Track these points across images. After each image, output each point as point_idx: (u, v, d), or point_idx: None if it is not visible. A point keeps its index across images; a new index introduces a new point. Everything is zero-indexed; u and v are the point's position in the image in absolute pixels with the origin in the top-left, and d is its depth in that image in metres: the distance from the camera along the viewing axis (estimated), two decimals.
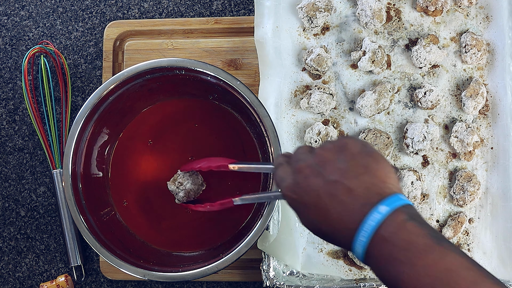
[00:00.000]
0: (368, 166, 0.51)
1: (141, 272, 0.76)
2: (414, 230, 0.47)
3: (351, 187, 0.50)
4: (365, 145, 0.53)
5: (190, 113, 0.89)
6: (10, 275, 0.93)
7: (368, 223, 0.48)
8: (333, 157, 0.52)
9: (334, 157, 0.52)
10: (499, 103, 0.86)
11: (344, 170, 0.51)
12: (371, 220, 0.48)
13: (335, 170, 0.51)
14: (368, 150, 0.53)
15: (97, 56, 0.96)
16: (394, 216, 0.48)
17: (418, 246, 0.46)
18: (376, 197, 0.49)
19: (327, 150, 0.53)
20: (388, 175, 0.51)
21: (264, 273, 0.83)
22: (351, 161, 0.51)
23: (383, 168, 0.52)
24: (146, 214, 0.88)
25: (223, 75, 0.78)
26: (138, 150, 0.88)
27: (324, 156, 0.53)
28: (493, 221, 0.85)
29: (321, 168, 0.52)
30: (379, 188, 0.50)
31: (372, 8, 0.85)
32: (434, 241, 0.46)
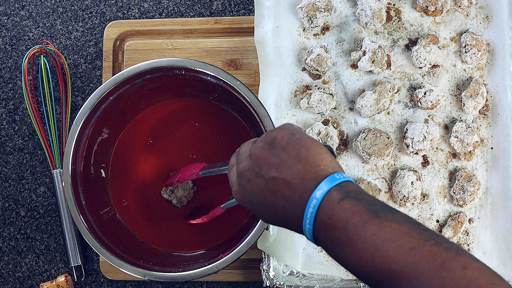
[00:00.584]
0: (299, 154, 0.52)
1: (141, 272, 0.76)
2: (350, 208, 0.47)
3: (288, 179, 0.51)
4: (293, 133, 0.54)
5: (190, 113, 0.89)
6: (10, 275, 0.93)
7: (308, 210, 0.49)
8: (266, 154, 0.53)
9: (267, 154, 0.53)
10: (499, 103, 0.86)
11: (278, 164, 0.52)
12: (310, 207, 0.49)
13: (270, 167, 0.52)
14: (296, 138, 0.53)
15: (97, 56, 0.96)
16: (330, 197, 0.49)
17: (354, 223, 0.47)
18: (312, 182, 0.50)
19: (260, 149, 0.54)
20: (320, 157, 0.52)
21: (264, 273, 0.83)
22: (282, 154, 0.52)
23: (314, 152, 0.52)
24: (146, 214, 0.88)
25: (223, 75, 0.78)
26: (138, 150, 0.88)
27: (258, 155, 0.54)
28: (493, 221, 0.85)
29: (258, 168, 0.53)
30: (313, 173, 0.50)
31: (372, 8, 0.85)
32: (371, 215, 0.47)
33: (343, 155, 0.88)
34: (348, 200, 0.48)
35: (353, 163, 0.87)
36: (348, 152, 0.88)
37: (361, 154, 0.85)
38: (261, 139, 0.55)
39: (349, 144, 0.88)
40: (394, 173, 0.87)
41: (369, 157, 0.85)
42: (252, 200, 0.55)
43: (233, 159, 0.60)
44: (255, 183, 0.53)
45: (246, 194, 0.55)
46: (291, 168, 0.51)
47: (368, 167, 0.87)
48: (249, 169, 0.54)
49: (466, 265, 0.43)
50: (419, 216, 0.86)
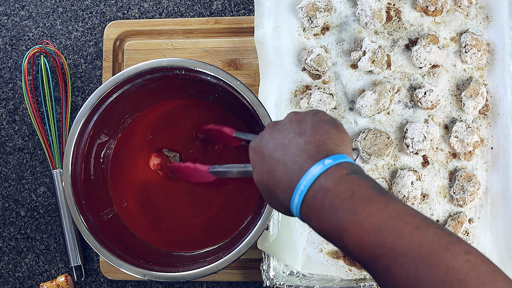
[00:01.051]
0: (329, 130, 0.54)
1: (141, 272, 0.76)
2: (357, 182, 0.48)
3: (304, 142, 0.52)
4: (335, 120, 0.56)
5: (190, 114, 0.89)
6: (10, 275, 0.93)
7: (311, 173, 0.49)
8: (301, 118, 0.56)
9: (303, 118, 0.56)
10: (499, 103, 0.86)
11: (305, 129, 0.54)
12: (314, 170, 0.49)
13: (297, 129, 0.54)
14: (336, 122, 0.56)
15: (97, 56, 0.96)
16: (337, 168, 0.49)
17: (361, 195, 0.47)
18: (324, 153, 0.51)
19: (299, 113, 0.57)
20: (343, 142, 0.54)
21: (264, 273, 0.83)
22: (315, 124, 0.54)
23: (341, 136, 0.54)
24: (146, 214, 0.88)
25: (223, 75, 0.78)
26: (138, 149, 0.88)
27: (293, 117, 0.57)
28: (493, 221, 0.85)
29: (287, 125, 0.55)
30: (330, 147, 0.52)
31: (372, 8, 0.85)
32: (377, 192, 0.47)
33: None
34: (356, 176, 0.49)
35: None
36: None
37: (361, 154, 0.85)
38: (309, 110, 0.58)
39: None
40: (394, 173, 0.87)
41: (369, 157, 0.85)
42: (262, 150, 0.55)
43: None
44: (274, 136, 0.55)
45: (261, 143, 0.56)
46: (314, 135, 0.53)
47: (368, 167, 0.87)
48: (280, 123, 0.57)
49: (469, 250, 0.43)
50: None
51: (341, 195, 0.48)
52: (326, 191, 0.48)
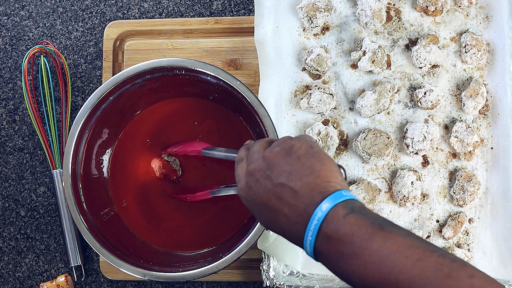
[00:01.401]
0: (312, 167, 0.53)
1: (141, 272, 0.76)
2: (356, 222, 0.48)
3: (296, 189, 0.52)
4: (311, 146, 0.55)
5: (190, 113, 0.89)
6: (10, 275, 0.93)
7: (313, 222, 0.50)
8: (280, 160, 0.54)
9: (281, 159, 0.54)
10: (499, 103, 0.86)
11: (290, 172, 0.53)
12: (315, 219, 0.50)
13: (281, 173, 0.53)
14: (314, 151, 0.54)
15: (97, 56, 0.96)
16: (335, 211, 0.49)
17: (360, 236, 0.47)
18: (319, 196, 0.51)
19: (275, 153, 0.55)
20: (332, 174, 0.53)
21: (264, 273, 0.83)
22: (297, 164, 0.53)
23: (327, 168, 0.53)
24: (146, 214, 0.88)
25: (223, 75, 0.78)
26: (138, 150, 0.88)
27: (272, 159, 0.55)
28: (493, 221, 0.85)
29: (269, 171, 0.54)
30: (322, 188, 0.51)
31: (372, 8, 0.85)
32: (376, 228, 0.48)
33: (343, 155, 0.88)
34: (354, 215, 0.49)
35: (353, 163, 0.87)
36: (348, 152, 0.88)
37: (361, 154, 0.85)
38: (278, 143, 0.56)
39: (349, 144, 0.88)
40: (394, 173, 0.87)
41: (369, 157, 0.85)
42: (256, 200, 0.55)
43: (242, 152, 0.60)
44: (263, 185, 0.54)
45: (251, 193, 0.55)
46: (301, 179, 0.52)
47: (368, 167, 0.87)
48: (260, 170, 0.55)
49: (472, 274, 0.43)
50: (419, 216, 0.86)
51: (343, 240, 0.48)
52: (329, 238, 0.49)
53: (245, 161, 0.59)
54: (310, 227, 0.50)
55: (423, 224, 0.86)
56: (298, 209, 0.51)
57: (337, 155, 0.88)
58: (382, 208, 0.86)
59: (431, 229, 0.86)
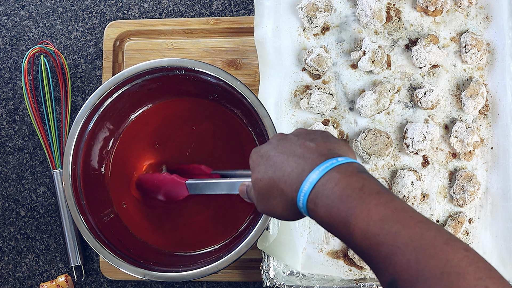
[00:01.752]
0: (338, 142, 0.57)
1: (141, 272, 0.76)
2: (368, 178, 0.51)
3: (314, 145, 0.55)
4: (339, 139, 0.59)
5: (190, 113, 0.89)
6: (10, 275, 0.93)
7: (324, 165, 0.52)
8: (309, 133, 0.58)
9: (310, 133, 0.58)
10: (499, 103, 0.86)
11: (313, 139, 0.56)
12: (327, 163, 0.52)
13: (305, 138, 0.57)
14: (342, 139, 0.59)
15: (97, 56, 0.96)
16: (348, 166, 0.52)
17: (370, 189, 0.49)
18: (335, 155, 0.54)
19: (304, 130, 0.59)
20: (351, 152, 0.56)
21: (264, 273, 0.83)
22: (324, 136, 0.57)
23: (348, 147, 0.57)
24: (146, 214, 0.88)
25: (223, 75, 0.78)
26: (138, 150, 0.88)
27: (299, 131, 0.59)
28: (493, 221, 0.85)
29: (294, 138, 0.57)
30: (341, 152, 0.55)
31: (372, 8, 0.85)
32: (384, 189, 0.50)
33: None
34: (366, 174, 0.51)
35: None
36: None
37: (361, 154, 0.85)
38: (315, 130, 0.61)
39: (349, 144, 0.88)
40: (394, 173, 0.87)
41: (369, 157, 0.85)
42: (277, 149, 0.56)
43: None
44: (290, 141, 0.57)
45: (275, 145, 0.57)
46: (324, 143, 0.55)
47: (368, 167, 0.87)
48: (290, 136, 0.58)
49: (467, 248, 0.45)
50: None
51: (352, 185, 0.50)
52: (338, 180, 0.50)
53: None
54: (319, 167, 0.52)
55: None
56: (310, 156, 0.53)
57: None
58: None
59: None
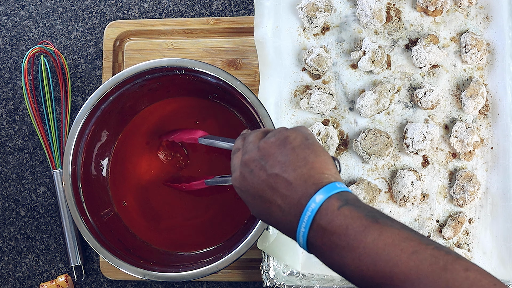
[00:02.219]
0: (307, 158, 0.52)
1: (141, 272, 0.76)
2: (350, 214, 0.48)
3: (289, 180, 0.51)
4: (306, 137, 0.55)
5: (190, 113, 0.89)
6: (10, 275, 0.93)
7: (306, 214, 0.50)
8: (275, 150, 0.54)
9: (276, 150, 0.54)
10: (499, 103, 0.86)
11: (284, 163, 0.53)
12: (308, 211, 0.50)
13: (276, 164, 0.53)
14: (309, 143, 0.54)
15: (97, 56, 0.96)
16: (329, 203, 0.49)
17: (355, 228, 0.47)
18: (313, 187, 0.50)
19: (270, 144, 0.55)
20: (326, 166, 0.53)
21: (264, 273, 0.83)
22: (291, 154, 0.53)
23: (321, 160, 0.53)
24: (146, 214, 0.88)
25: (223, 75, 0.78)
26: (138, 150, 0.88)
27: (267, 149, 0.55)
28: (493, 221, 0.85)
29: (264, 162, 0.54)
30: (316, 179, 0.51)
31: (372, 8, 0.85)
32: (370, 221, 0.47)
33: (343, 155, 0.88)
34: (348, 207, 0.49)
35: (353, 163, 0.87)
36: (348, 152, 0.88)
37: (361, 154, 0.85)
38: (274, 134, 0.56)
39: (349, 144, 0.88)
40: (394, 173, 0.87)
41: (369, 157, 0.85)
42: (250, 191, 0.55)
43: (238, 143, 0.60)
44: (257, 175, 0.54)
45: (245, 184, 0.55)
46: (295, 170, 0.52)
47: (368, 167, 0.87)
48: (255, 160, 0.55)
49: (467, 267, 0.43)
50: (419, 216, 0.86)
51: (337, 232, 0.48)
52: (323, 230, 0.49)
53: (240, 151, 0.58)
54: (303, 218, 0.50)
55: (423, 224, 0.86)
56: (291, 200, 0.51)
57: (337, 155, 0.88)
58: (382, 208, 0.86)
59: (431, 229, 0.86)
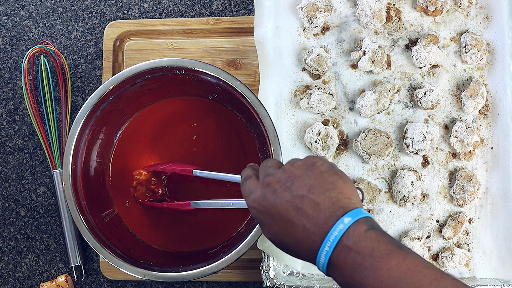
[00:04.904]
0: (335, 183, 0.55)
1: (141, 272, 0.76)
2: (376, 238, 0.50)
3: (317, 201, 0.53)
4: (332, 166, 0.57)
5: (190, 113, 0.89)
6: (10, 275, 0.93)
7: (333, 233, 0.51)
8: (302, 173, 0.56)
9: (303, 173, 0.56)
10: (499, 103, 0.86)
11: (312, 185, 0.54)
12: (336, 231, 0.51)
13: (303, 186, 0.54)
14: (336, 170, 0.57)
15: (97, 56, 0.96)
16: (357, 226, 0.51)
17: (380, 251, 0.49)
18: (340, 210, 0.52)
19: (297, 167, 0.57)
20: (353, 193, 0.55)
21: (264, 273, 0.83)
22: (319, 178, 0.55)
23: (349, 187, 0.55)
24: (146, 214, 0.88)
25: (223, 75, 0.78)
26: (138, 150, 0.88)
27: (293, 171, 0.56)
28: (493, 221, 0.85)
29: (290, 183, 0.55)
30: (344, 203, 0.53)
31: (372, 8, 0.85)
32: (395, 246, 0.49)
33: (343, 155, 0.88)
34: (374, 231, 0.51)
35: (353, 163, 0.87)
36: (348, 152, 0.88)
37: (361, 154, 0.85)
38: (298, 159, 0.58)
39: (349, 144, 0.88)
40: (394, 173, 0.87)
41: (369, 157, 0.85)
42: (270, 211, 0.55)
43: (249, 171, 0.61)
44: (281, 196, 0.55)
45: (266, 204, 0.56)
46: (324, 193, 0.54)
47: (368, 167, 0.87)
48: (279, 181, 0.56)
49: None
50: (419, 216, 0.86)
51: (362, 253, 0.49)
52: (348, 250, 0.50)
53: (254, 177, 0.60)
54: (329, 238, 0.51)
55: (423, 224, 0.86)
56: (318, 221, 0.52)
57: (337, 155, 0.88)
58: (382, 208, 0.86)
59: (431, 229, 0.86)
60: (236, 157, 0.87)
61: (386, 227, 0.86)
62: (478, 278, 0.84)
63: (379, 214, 0.86)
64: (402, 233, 0.86)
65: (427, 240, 0.86)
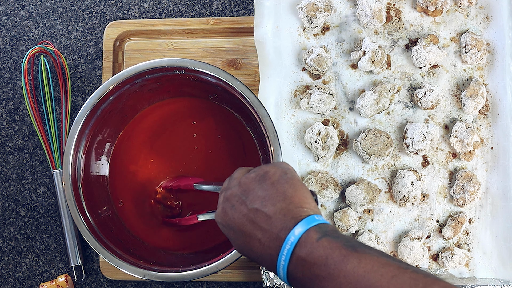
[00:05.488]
0: (285, 193, 0.55)
1: (141, 272, 0.76)
2: (329, 245, 0.50)
3: (269, 214, 0.53)
4: (285, 172, 0.57)
5: (190, 113, 0.89)
6: (10, 275, 0.93)
7: (285, 247, 0.51)
8: (255, 185, 0.56)
9: (256, 185, 0.56)
10: (499, 103, 0.86)
11: (264, 198, 0.55)
12: (288, 244, 0.51)
13: (256, 198, 0.55)
14: (287, 177, 0.57)
15: (97, 56, 0.96)
16: (308, 236, 0.51)
17: (334, 258, 0.49)
18: (292, 221, 0.52)
19: (251, 179, 0.57)
20: (305, 200, 0.55)
21: (264, 273, 0.83)
22: (270, 189, 0.55)
23: (300, 194, 0.55)
24: (146, 214, 0.88)
25: (223, 75, 0.78)
26: (138, 150, 0.88)
27: (247, 184, 0.57)
28: (493, 221, 0.85)
29: (245, 197, 0.56)
30: (295, 213, 0.53)
31: (372, 8, 0.85)
32: (349, 250, 0.49)
33: (343, 155, 0.88)
34: (326, 238, 0.50)
35: (353, 163, 0.87)
36: (348, 152, 0.88)
37: (361, 154, 0.85)
38: (255, 170, 0.58)
39: (349, 144, 0.88)
40: (394, 173, 0.87)
41: (369, 157, 0.85)
42: (231, 226, 0.57)
43: (226, 182, 0.62)
44: (238, 210, 0.56)
45: (226, 219, 0.57)
46: (275, 204, 0.54)
47: (368, 167, 0.87)
48: (236, 195, 0.57)
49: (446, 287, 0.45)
50: (419, 216, 0.86)
51: (317, 263, 0.49)
52: (303, 261, 0.50)
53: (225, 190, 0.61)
54: (283, 251, 0.51)
55: (423, 224, 0.86)
56: (271, 234, 0.53)
57: (337, 155, 0.88)
58: (382, 208, 0.86)
59: (431, 229, 0.86)
60: (237, 157, 0.87)
61: (386, 227, 0.86)
62: (478, 278, 0.84)
63: (379, 214, 0.86)
64: (402, 233, 0.86)
65: (427, 240, 0.86)
